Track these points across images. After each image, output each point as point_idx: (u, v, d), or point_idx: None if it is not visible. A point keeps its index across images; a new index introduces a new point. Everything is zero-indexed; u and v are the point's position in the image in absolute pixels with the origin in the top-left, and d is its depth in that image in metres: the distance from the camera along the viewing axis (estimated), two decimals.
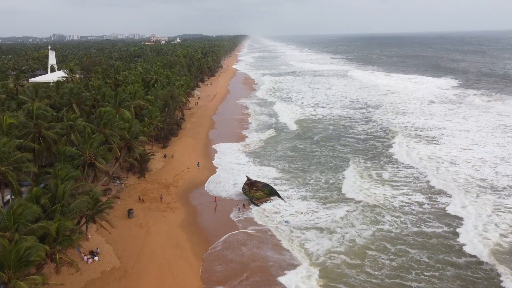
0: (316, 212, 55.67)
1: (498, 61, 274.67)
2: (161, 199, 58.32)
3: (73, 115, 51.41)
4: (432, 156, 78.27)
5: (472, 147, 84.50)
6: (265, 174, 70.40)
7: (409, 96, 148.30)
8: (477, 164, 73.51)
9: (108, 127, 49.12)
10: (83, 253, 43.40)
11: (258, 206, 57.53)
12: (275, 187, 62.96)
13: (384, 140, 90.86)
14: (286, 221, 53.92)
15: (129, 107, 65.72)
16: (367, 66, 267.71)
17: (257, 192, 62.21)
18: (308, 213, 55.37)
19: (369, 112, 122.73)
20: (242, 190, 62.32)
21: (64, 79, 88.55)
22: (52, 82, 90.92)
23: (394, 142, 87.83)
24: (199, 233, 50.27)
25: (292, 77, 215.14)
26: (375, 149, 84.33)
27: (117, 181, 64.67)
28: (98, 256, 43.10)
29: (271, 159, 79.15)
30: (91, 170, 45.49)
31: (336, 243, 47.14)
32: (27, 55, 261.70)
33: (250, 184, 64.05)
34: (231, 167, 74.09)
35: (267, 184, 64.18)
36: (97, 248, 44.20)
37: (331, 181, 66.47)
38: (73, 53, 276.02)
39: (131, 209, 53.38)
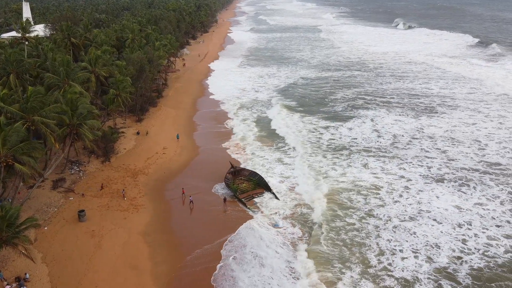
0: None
1: None
2: (123, 195, 47.29)
3: (3, 92, 39.48)
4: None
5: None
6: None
7: (416, 56, 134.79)
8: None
9: (38, 113, 37.21)
10: (6, 280, 33.24)
11: (248, 208, 46.03)
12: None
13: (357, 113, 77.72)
14: (276, 224, 43.58)
15: (87, 78, 53.56)
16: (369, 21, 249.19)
17: (243, 183, 51.41)
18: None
19: (359, 74, 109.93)
20: (224, 181, 51.37)
21: (14, 39, 74.92)
22: (8, 41, 77.59)
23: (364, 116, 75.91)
24: (167, 244, 39.62)
25: (294, 33, 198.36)
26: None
27: (75, 168, 53.74)
28: (25, 286, 32.92)
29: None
30: (11, 174, 34.33)
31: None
32: (7, 7, 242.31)
33: (234, 173, 53.14)
34: (220, 149, 62.76)
35: (255, 172, 53.20)
36: (25, 274, 33.92)
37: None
38: (57, 4, 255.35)
39: (83, 211, 42.63)
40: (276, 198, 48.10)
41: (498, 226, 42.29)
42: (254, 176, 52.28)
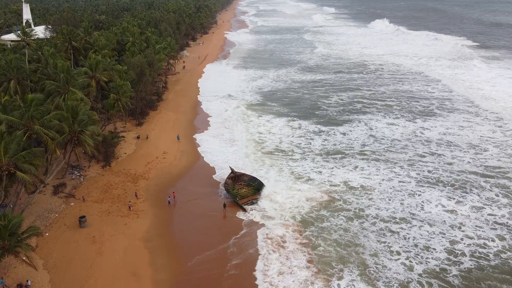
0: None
1: None
2: (129, 207, 46.60)
3: (5, 99, 39.68)
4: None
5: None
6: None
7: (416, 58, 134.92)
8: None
9: (39, 121, 37.40)
10: (8, 287, 33.59)
11: (246, 211, 46.73)
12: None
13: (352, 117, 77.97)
14: (273, 228, 43.93)
15: (88, 84, 53.79)
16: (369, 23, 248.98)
17: (242, 188, 51.74)
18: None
19: (358, 77, 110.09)
20: (224, 186, 51.66)
21: (16, 43, 74.91)
22: (10, 43, 77.72)
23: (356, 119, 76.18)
24: (168, 250, 39.97)
25: (295, 35, 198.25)
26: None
27: (76, 172, 54.04)
28: None
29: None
30: (12, 182, 34.58)
31: None
32: (7, 8, 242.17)
33: (234, 178, 53.37)
34: (220, 151, 62.96)
35: (255, 177, 53.44)
36: (27, 280, 34.25)
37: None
38: (56, 5, 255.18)
39: (83, 217, 42.97)
40: (274, 201, 48.42)
41: (492, 228, 42.87)
42: (254, 181, 52.56)
